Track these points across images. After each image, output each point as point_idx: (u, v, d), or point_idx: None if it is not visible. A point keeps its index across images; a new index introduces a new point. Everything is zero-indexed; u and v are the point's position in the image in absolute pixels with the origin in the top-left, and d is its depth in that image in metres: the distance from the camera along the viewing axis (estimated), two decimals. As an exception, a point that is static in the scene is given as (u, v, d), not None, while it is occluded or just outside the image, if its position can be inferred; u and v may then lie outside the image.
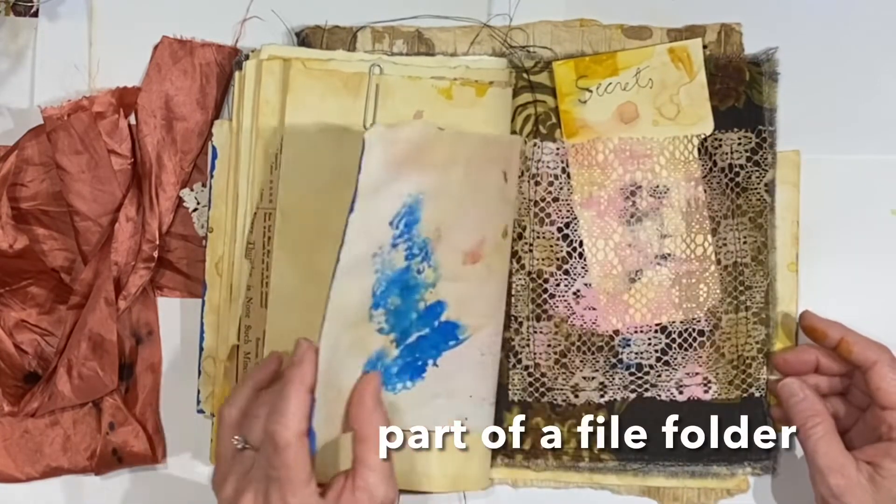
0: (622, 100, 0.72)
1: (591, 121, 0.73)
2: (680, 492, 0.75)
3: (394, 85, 0.74)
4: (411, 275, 0.68)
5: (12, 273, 0.77)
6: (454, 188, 0.68)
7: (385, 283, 0.67)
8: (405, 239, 0.67)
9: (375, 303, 0.67)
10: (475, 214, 0.70)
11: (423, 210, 0.67)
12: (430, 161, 0.67)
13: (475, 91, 0.74)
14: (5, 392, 0.76)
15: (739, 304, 0.74)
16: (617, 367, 0.74)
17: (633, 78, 0.72)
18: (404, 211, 0.66)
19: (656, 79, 0.73)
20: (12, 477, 0.77)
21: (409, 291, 0.69)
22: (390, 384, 0.70)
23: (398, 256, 0.67)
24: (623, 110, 0.72)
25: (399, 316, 0.69)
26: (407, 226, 0.67)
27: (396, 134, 0.65)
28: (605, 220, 0.74)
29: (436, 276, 0.70)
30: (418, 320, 0.70)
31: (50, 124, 0.75)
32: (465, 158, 0.69)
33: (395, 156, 0.65)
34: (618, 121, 0.72)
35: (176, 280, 0.78)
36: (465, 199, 0.69)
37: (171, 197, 0.76)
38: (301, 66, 0.74)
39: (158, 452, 0.77)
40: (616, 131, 0.73)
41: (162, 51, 0.77)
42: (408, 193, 0.66)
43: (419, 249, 0.68)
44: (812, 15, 0.76)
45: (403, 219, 0.67)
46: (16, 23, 0.78)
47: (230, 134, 0.75)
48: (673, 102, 0.72)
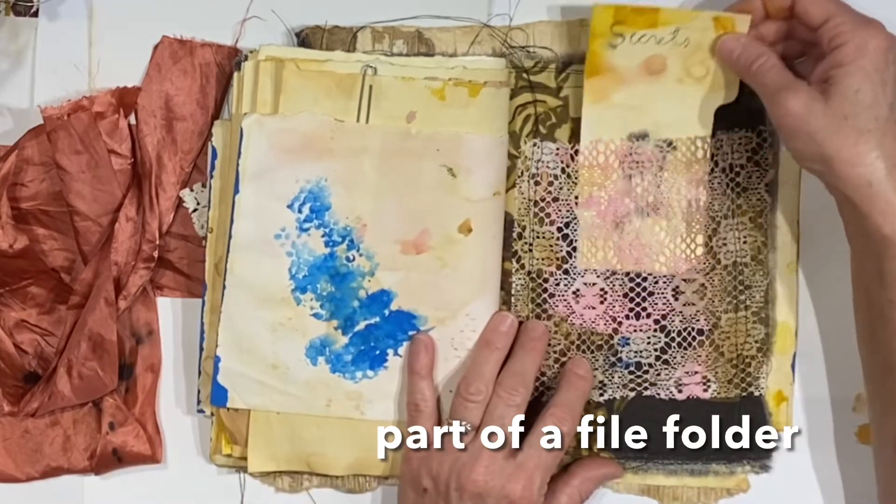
0: (653, 52, 0.70)
1: (616, 64, 0.71)
2: (680, 491, 0.75)
3: (387, 86, 0.75)
4: (339, 262, 0.74)
5: (12, 273, 0.77)
6: (368, 178, 0.74)
7: (306, 267, 0.74)
8: (317, 225, 0.74)
9: (300, 286, 0.74)
10: (410, 205, 0.74)
11: (333, 196, 0.74)
12: (328, 150, 0.74)
13: (468, 91, 0.74)
14: (5, 392, 0.76)
15: (739, 303, 0.74)
16: (616, 366, 0.75)
17: (670, 34, 0.70)
18: (304, 196, 0.74)
19: (693, 40, 0.70)
20: (12, 477, 0.77)
21: (341, 278, 0.74)
22: (348, 372, 0.74)
23: (314, 242, 0.74)
24: (651, 61, 0.70)
25: (337, 302, 0.74)
26: (314, 211, 0.74)
27: (279, 123, 0.73)
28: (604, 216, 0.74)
29: (372, 265, 0.74)
30: (363, 308, 0.74)
31: (50, 124, 0.75)
32: (377, 149, 0.74)
33: (280, 143, 0.74)
34: (643, 70, 0.71)
35: (176, 280, 0.78)
36: (387, 188, 0.74)
37: (171, 197, 0.77)
38: (294, 68, 0.74)
39: (158, 452, 0.77)
40: (638, 79, 0.71)
41: (162, 51, 0.77)
42: (305, 179, 0.74)
43: (340, 237, 0.74)
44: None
45: (306, 203, 0.74)
46: (16, 23, 0.78)
47: (230, 134, 0.75)
48: (703, 64, 0.71)
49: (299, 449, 0.74)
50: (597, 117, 0.72)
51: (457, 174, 0.74)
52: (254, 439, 0.74)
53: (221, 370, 0.74)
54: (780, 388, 0.75)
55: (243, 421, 0.74)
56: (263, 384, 0.74)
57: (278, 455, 0.74)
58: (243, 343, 0.74)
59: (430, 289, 0.74)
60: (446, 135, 0.74)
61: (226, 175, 0.75)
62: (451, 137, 0.74)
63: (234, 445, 0.75)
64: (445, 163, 0.74)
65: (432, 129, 0.74)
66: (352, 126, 0.74)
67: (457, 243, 0.74)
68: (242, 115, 0.74)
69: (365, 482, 0.76)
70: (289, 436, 0.74)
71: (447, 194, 0.74)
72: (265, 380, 0.74)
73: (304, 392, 0.74)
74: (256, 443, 0.74)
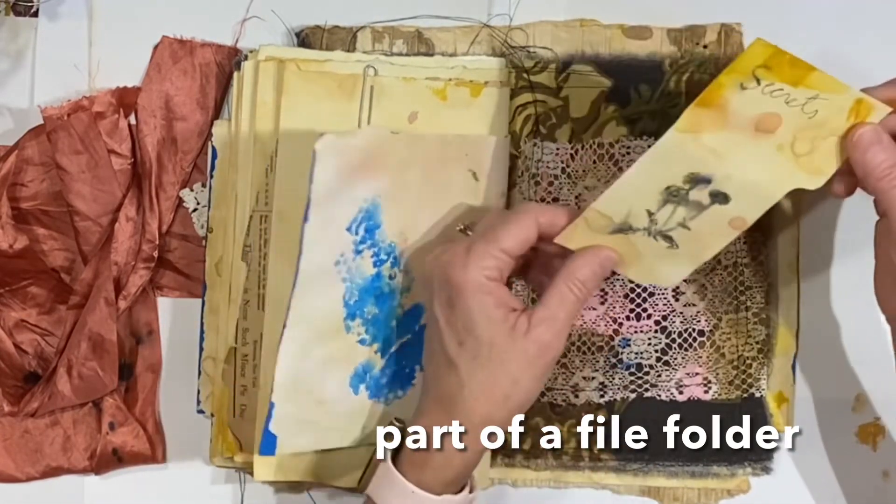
0: (776, 110, 0.62)
1: (733, 107, 0.62)
2: (680, 492, 0.75)
3: (388, 86, 0.74)
4: (384, 281, 0.70)
5: (12, 273, 0.77)
6: (413, 190, 0.69)
7: (357, 291, 0.69)
8: (369, 245, 0.68)
9: (350, 313, 0.69)
10: (440, 215, 0.71)
11: (383, 214, 0.68)
12: (383, 165, 0.68)
13: (470, 91, 0.74)
14: (5, 392, 0.76)
15: (739, 304, 0.74)
16: (617, 367, 0.74)
17: (805, 99, 0.61)
18: (361, 216, 0.68)
19: (822, 115, 0.62)
20: (12, 477, 0.77)
21: (384, 299, 0.70)
22: (381, 395, 0.72)
23: (365, 264, 0.69)
24: (766, 119, 0.62)
25: (378, 325, 0.70)
26: (368, 231, 0.68)
27: (348, 142, 0.66)
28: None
29: (408, 280, 0.71)
30: (399, 327, 0.71)
31: (50, 124, 0.75)
32: (422, 160, 0.69)
33: (347, 164, 0.66)
34: (752, 125, 0.63)
35: (176, 280, 0.78)
36: (427, 199, 0.70)
37: (171, 197, 0.77)
38: (295, 69, 0.74)
39: (158, 452, 0.77)
40: (741, 132, 0.63)
41: (162, 51, 0.77)
42: (363, 198, 0.68)
43: (386, 255, 0.69)
44: (812, 15, 0.76)
45: (362, 224, 0.68)
46: (16, 23, 0.78)
47: (229, 134, 0.75)
48: (811, 142, 0.63)
49: (308, 460, 0.73)
50: (675, 145, 0.63)
51: (479, 178, 0.73)
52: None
53: (275, 417, 0.69)
54: (781, 389, 0.75)
55: (251, 427, 0.73)
56: (310, 422, 0.70)
57: (285, 466, 0.73)
58: (299, 385, 0.69)
59: None
60: (474, 138, 0.73)
61: (226, 175, 0.75)
62: (478, 141, 0.73)
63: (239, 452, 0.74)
64: (471, 167, 0.72)
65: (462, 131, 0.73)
66: (403, 137, 0.70)
67: None
68: (317, 135, 0.66)
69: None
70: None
71: (471, 199, 0.72)
72: (311, 417, 0.70)
73: (345, 424, 0.71)
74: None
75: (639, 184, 0.64)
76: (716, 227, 0.65)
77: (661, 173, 0.64)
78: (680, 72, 0.75)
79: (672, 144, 0.63)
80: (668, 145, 0.63)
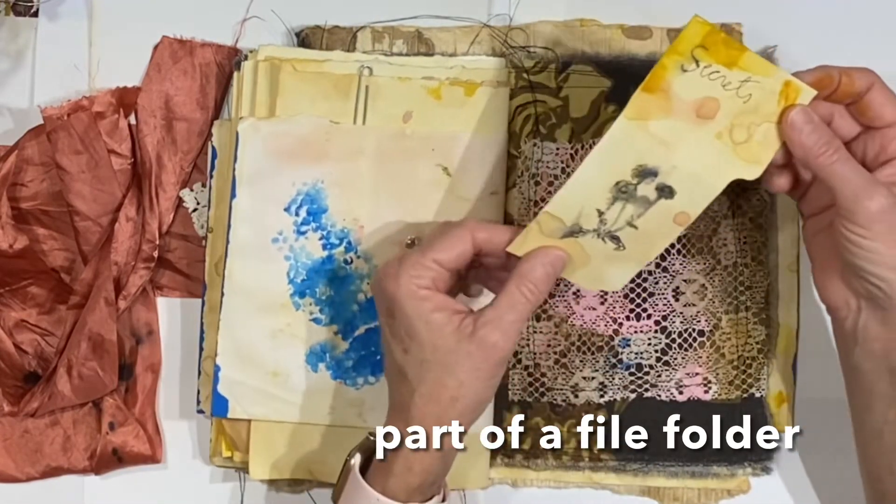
0: (714, 94, 0.63)
1: (675, 90, 0.63)
2: (680, 492, 0.75)
3: (383, 86, 0.74)
4: (337, 265, 0.74)
5: (12, 273, 0.77)
6: (365, 179, 0.74)
7: (304, 271, 0.74)
8: (314, 227, 0.74)
9: (298, 290, 0.74)
10: (406, 206, 0.74)
11: (329, 199, 0.74)
12: (322, 152, 0.74)
13: (464, 91, 0.74)
14: (5, 392, 0.76)
15: (739, 304, 0.74)
16: (617, 367, 0.74)
17: (739, 81, 0.64)
18: (301, 199, 0.74)
19: (755, 98, 0.63)
20: (12, 477, 0.77)
21: (340, 282, 0.74)
22: (349, 379, 0.74)
23: (312, 245, 0.74)
24: (705, 104, 0.64)
25: (336, 307, 0.74)
26: (311, 214, 0.74)
27: (274, 126, 0.73)
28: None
29: (370, 268, 0.74)
30: (362, 312, 0.74)
31: (50, 124, 0.75)
32: (373, 150, 0.74)
33: (276, 147, 0.73)
34: (693, 109, 0.64)
35: (176, 280, 0.78)
36: (384, 189, 0.74)
37: (171, 197, 0.77)
38: (291, 69, 0.74)
39: (158, 452, 0.77)
40: (684, 117, 0.64)
41: (162, 51, 0.77)
42: (302, 182, 0.74)
43: (338, 239, 0.74)
44: (812, 15, 0.76)
45: (303, 206, 0.74)
46: (16, 23, 0.78)
47: (229, 134, 0.75)
48: (748, 130, 0.64)
49: (301, 457, 0.74)
50: (625, 134, 0.64)
51: (451, 173, 0.74)
52: (255, 447, 0.74)
53: (221, 379, 0.73)
54: (781, 389, 0.75)
55: (244, 427, 0.74)
56: (264, 392, 0.74)
57: (280, 463, 0.74)
58: (243, 351, 0.73)
59: None
60: (441, 135, 0.74)
61: (225, 175, 0.75)
62: (446, 137, 0.74)
63: (234, 451, 0.75)
64: (440, 162, 0.74)
65: (428, 128, 0.74)
66: (347, 128, 0.74)
67: None
68: (238, 119, 0.74)
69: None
70: (290, 444, 0.74)
71: (442, 194, 0.74)
72: (266, 388, 0.74)
73: (305, 400, 0.74)
74: (258, 451, 0.74)
75: (590, 180, 0.65)
76: (662, 225, 0.66)
77: (611, 166, 0.65)
78: (680, 72, 0.75)
79: (622, 133, 0.64)
80: (619, 135, 0.64)
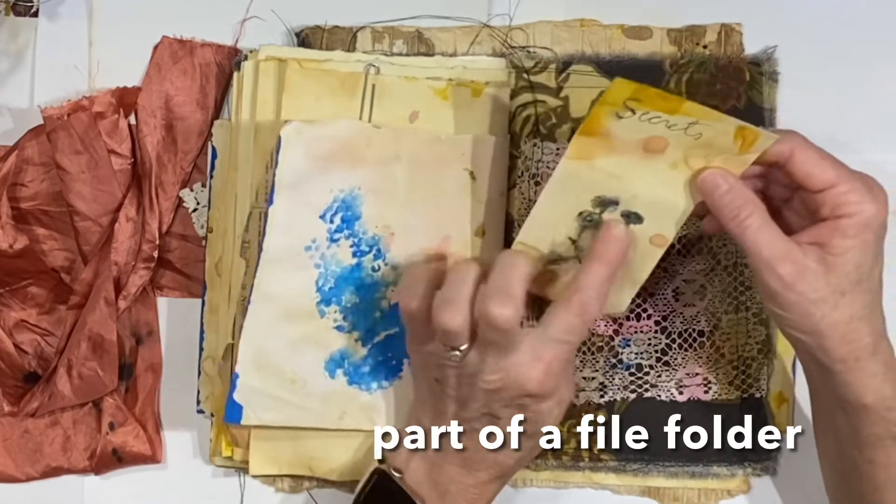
0: (658, 133, 0.62)
1: (614, 133, 0.62)
2: (680, 492, 0.75)
3: (390, 85, 0.74)
4: (365, 272, 0.72)
5: (12, 273, 0.77)
6: (399, 185, 0.72)
7: (333, 279, 0.72)
8: (346, 235, 0.71)
9: (325, 298, 0.72)
10: (435, 212, 0.72)
11: (364, 206, 0.71)
12: (361, 157, 0.71)
13: (471, 91, 0.74)
14: (5, 392, 0.76)
15: (739, 304, 0.74)
16: (617, 368, 0.74)
17: (687, 123, 0.61)
18: (337, 206, 0.71)
19: (706, 137, 0.62)
20: (12, 477, 0.77)
21: (366, 290, 0.72)
22: (364, 384, 0.73)
23: (343, 253, 0.72)
24: (652, 141, 0.62)
25: (359, 314, 0.72)
26: (345, 221, 0.71)
27: (318, 131, 0.71)
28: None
29: (396, 275, 0.72)
30: (384, 319, 0.72)
31: (50, 124, 0.75)
32: (409, 156, 0.72)
33: (318, 151, 0.71)
34: (639, 146, 0.62)
35: (176, 280, 0.78)
36: (416, 196, 0.72)
37: (171, 197, 0.77)
38: (297, 67, 0.74)
39: (158, 452, 0.77)
40: (631, 153, 0.63)
41: (162, 51, 0.77)
42: (339, 189, 0.71)
43: (368, 247, 0.72)
44: (812, 15, 0.76)
45: (338, 213, 0.71)
46: (16, 23, 0.78)
47: (229, 134, 0.75)
48: (706, 159, 0.62)
49: (301, 453, 0.74)
50: (572, 173, 0.64)
51: (477, 177, 0.73)
52: (255, 443, 0.74)
53: (239, 387, 0.72)
54: (781, 390, 0.75)
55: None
56: (279, 399, 0.72)
57: (280, 459, 0.74)
58: (263, 359, 0.72)
59: None
60: (471, 138, 0.73)
61: (226, 175, 0.75)
62: (475, 140, 0.73)
63: (235, 448, 0.75)
64: (468, 166, 0.73)
65: (459, 132, 0.73)
66: (388, 132, 0.72)
67: (473, 247, 0.73)
68: (282, 122, 0.71)
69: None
70: (291, 440, 0.74)
71: (467, 198, 0.73)
72: (281, 394, 0.72)
73: (317, 405, 0.73)
74: (258, 446, 0.74)
75: (550, 213, 0.65)
76: (640, 248, 0.66)
77: (567, 200, 0.65)
78: (680, 72, 0.75)
79: (568, 173, 0.64)
80: (565, 175, 0.64)
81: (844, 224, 0.62)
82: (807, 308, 0.62)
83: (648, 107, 0.60)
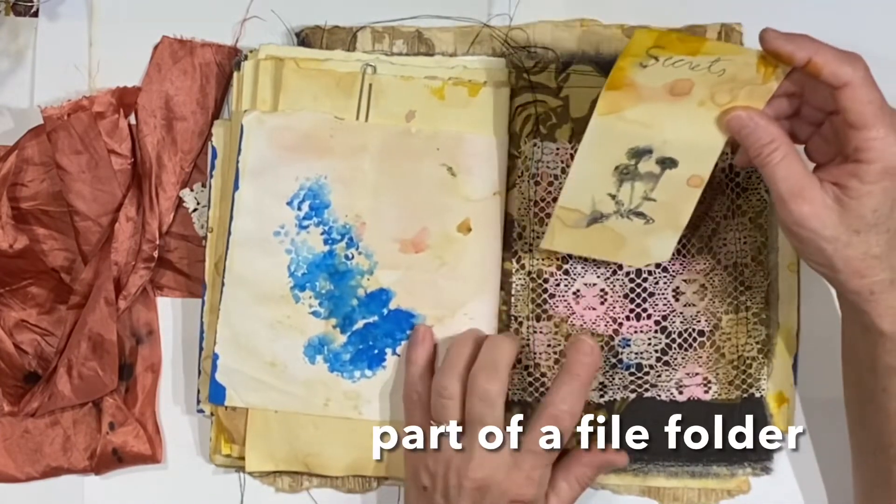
0: (683, 76, 0.64)
1: (639, 82, 0.64)
2: (680, 492, 0.75)
3: (387, 85, 0.75)
4: (338, 260, 0.74)
5: (12, 273, 0.77)
6: (368, 176, 0.74)
7: (305, 265, 0.74)
8: (316, 222, 0.74)
9: (298, 283, 0.74)
10: (407, 204, 0.74)
11: (332, 194, 0.74)
12: (326, 148, 0.74)
13: (468, 91, 0.74)
14: (5, 392, 0.76)
15: (739, 304, 0.74)
16: (617, 367, 0.74)
17: (707, 63, 0.63)
18: (304, 193, 0.74)
19: (730, 71, 0.64)
20: (12, 477, 0.77)
21: (340, 277, 0.74)
22: (346, 371, 0.74)
23: (313, 239, 0.74)
24: (677, 84, 0.65)
25: (335, 301, 0.74)
26: (314, 209, 0.74)
27: (279, 120, 0.74)
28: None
29: (371, 264, 0.74)
30: (362, 307, 0.74)
31: (50, 124, 0.75)
32: (376, 147, 0.74)
33: (280, 140, 0.74)
34: (666, 91, 0.65)
35: (176, 280, 0.78)
36: (386, 187, 0.74)
37: (171, 197, 0.77)
38: (294, 66, 0.74)
39: (158, 452, 0.77)
40: (658, 99, 0.65)
41: (162, 51, 0.77)
42: (305, 177, 0.74)
43: (340, 235, 0.74)
44: (812, 15, 0.76)
45: (305, 201, 0.74)
46: (16, 23, 0.78)
47: (229, 134, 0.75)
48: (731, 93, 0.64)
49: (297, 449, 0.74)
50: (603, 129, 0.66)
51: (457, 173, 0.74)
52: (251, 439, 0.74)
53: (220, 368, 0.74)
54: (782, 390, 0.74)
55: (241, 420, 0.75)
56: (261, 382, 0.74)
57: (276, 455, 0.74)
58: (241, 340, 0.74)
59: (428, 288, 0.74)
60: (446, 134, 0.74)
61: (226, 175, 0.75)
62: (452, 137, 0.74)
63: (232, 445, 0.75)
64: (445, 162, 0.74)
65: (432, 127, 0.74)
66: (352, 124, 0.74)
67: (456, 242, 0.74)
68: (242, 112, 0.74)
69: (365, 482, 0.75)
70: (286, 435, 0.74)
71: (447, 193, 0.74)
72: (263, 378, 0.74)
73: (302, 391, 0.74)
74: (254, 442, 0.74)
75: (588, 172, 0.68)
76: (678, 191, 0.68)
77: (603, 157, 0.67)
78: (680, 72, 0.75)
79: (600, 129, 0.66)
80: (597, 132, 0.66)
81: (864, 169, 0.62)
82: (819, 244, 0.63)
83: (671, 52, 0.63)
